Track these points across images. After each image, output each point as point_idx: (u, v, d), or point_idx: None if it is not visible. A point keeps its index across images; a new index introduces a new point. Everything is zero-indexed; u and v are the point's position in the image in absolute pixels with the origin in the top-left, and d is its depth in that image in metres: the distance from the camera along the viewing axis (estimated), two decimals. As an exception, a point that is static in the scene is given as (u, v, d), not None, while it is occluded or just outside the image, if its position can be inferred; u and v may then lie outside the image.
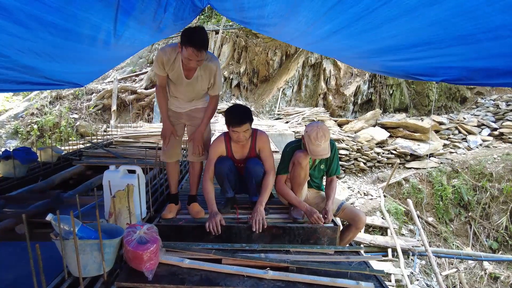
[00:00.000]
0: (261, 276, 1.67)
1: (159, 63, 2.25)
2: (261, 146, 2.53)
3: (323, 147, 2.36)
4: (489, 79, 2.21)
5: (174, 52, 2.22)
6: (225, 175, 2.49)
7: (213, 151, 2.51)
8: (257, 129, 2.57)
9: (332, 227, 2.38)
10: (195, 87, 2.36)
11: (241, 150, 2.55)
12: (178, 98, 2.47)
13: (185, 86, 2.35)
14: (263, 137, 2.54)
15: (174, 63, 2.23)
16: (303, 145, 2.56)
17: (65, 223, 1.47)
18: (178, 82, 2.33)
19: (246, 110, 2.39)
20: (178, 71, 2.26)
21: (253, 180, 2.52)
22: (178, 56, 2.21)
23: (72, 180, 3.86)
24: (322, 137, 2.34)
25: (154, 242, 1.61)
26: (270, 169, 2.51)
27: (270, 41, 12.44)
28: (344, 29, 2.25)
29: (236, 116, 2.33)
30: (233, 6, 2.83)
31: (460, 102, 11.92)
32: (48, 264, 1.35)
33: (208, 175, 2.47)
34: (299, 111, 10.88)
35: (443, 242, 7.27)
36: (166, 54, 2.22)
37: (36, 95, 11.08)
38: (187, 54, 2.03)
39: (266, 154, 2.54)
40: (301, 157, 2.46)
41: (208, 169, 2.49)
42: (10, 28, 2.20)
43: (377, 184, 8.39)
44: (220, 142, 2.52)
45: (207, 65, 2.26)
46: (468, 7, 1.42)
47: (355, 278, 1.72)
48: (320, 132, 2.35)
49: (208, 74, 2.30)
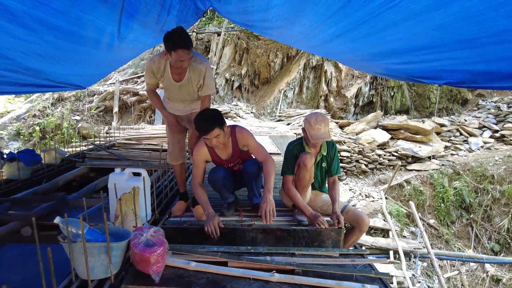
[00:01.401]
0: (267, 279, 1.68)
1: (150, 72, 2.38)
2: (244, 142, 2.46)
3: (323, 131, 2.40)
4: (493, 82, 2.22)
5: (162, 60, 2.33)
6: (221, 185, 2.49)
7: (197, 157, 2.45)
8: (236, 125, 2.49)
9: (337, 229, 2.39)
10: (187, 88, 2.43)
11: (224, 151, 2.50)
12: (174, 101, 2.56)
13: (178, 89, 2.43)
14: (243, 133, 2.47)
15: (164, 70, 2.35)
16: (305, 139, 2.58)
17: (72, 225, 1.48)
18: (170, 87, 2.44)
19: (211, 116, 2.25)
20: (167, 77, 2.37)
21: (253, 182, 2.53)
22: (166, 63, 2.32)
23: (75, 182, 3.87)
24: (321, 121, 2.40)
25: (161, 245, 1.62)
26: (266, 157, 2.44)
27: (272, 43, 12.46)
28: (348, 33, 2.27)
29: (201, 125, 2.23)
30: (237, 9, 2.85)
31: (461, 104, 11.92)
32: (54, 267, 1.36)
33: (196, 181, 2.41)
34: (300, 113, 10.89)
35: (445, 244, 7.26)
36: (155, 63, 2.34)
37: (38, 97, 11.10)
38: (177, 57, 2.11)
39: (254, 147, 2.47)
40: (307, 158, 2.46)
41: (196, 175, 2.43)
42: (15, 31, 2.21)
43: (379, 186, 8.39)
44: (202, 147, 2.44)
45: (196, 67, 2.34)
46: (473, 12, 1.44)
47: (360, 280, 1.72)
48: (319, 117, 2.42)
49: (198, 75, 2.36)
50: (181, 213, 2.62)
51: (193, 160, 2.47)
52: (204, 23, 13.31)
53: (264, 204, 2.26)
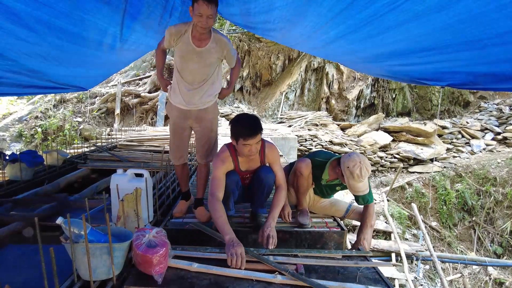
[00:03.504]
0: (270, 281, 1.67)
1: (168, 35, 2.26)
2: (271, 159, 2.32)
3: (364, 183, 2.26)
4: (495, 84, 2.22)
5: (185, 25, 2.23)
6: (231, 191, 2.30)
7: (221, 169, 2.21)
8: (265, 140, 2.31)
9: (339, 231, 2.38)
10: (206, 59, 2.28)
11: (248, 164, 2.33)
12: (186, 82, 2.33)
13: (196, 57, 2.25)
14: (274, 150, 2.34)
15: (184, 34, 2.23)
16: (330, 170, 2.44)
17: (74, 226, 1.48)
18: (187, 54, 2.26)
19: (257, 119, 2.17)
20: (187, 42, 2.23)
21: (265, 190, 2.33)
22: (188, 28, 2.22)
23: (77, 183, 3.87)
24: (365, 174, 2.22)
25: (164, 245, 1.62)
26: (283, 184, 2.30)
27: (273, 45, 12.49)
28: (350, 34, 2.27)
29: (248, 126, 2.07)
30: (239, 11, 2.85)
31: (463, 106, 11.91)
32: (56, 267, 1.36)
33: (216, 196, 2.10)
34: (302, 115, 10.90)
35: (447, 246, 7.23)
36: (176, 26, 2.24)
37: (40, 99, 11.14)
38: (198, 8, 2.01)
39: (278, 168, 2.32)
40: (302, 167, 2.41)
41: (217, 188, 2.14)
42: (18, 32, 2.23)
43: (381, 188, 8.37)
44: (227, 157, 2.25)
45: (220, 38, 2.26)
46: (475, 14, 1.44)
47: (363, 282, 1.72)
48: (364, 168, 2.20)
49: (220, 46, 2.28)
50: (182, 214, 2.60)
51: (215, 171, 2.22)
52: (206, 25, 13.32)
53: (268, 229, 2.04)
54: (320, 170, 2.49)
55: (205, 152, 2.56)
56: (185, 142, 2.59)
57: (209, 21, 2.07)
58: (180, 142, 2.56)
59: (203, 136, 2.52)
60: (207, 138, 2.53)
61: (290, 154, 7.77)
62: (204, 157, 2.58)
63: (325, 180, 2.52)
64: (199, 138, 2.54)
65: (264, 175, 2.28)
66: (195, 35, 2.20)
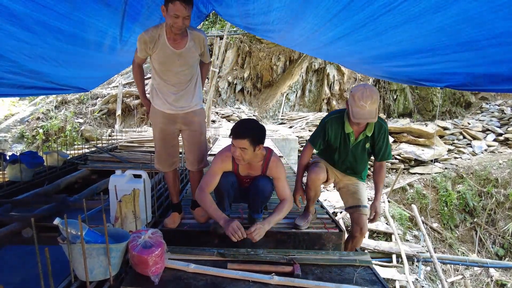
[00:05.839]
0: (267, 282, 1.67)
1: (141, 43, 2.11)
2: (274, 174, 2.23)
3: (368, 109, 2.01)
4: (494, 85, 2.21)
5: (156, 29, 2.10)
6: (226, 191, 2.26)
7: (218, 166, 2.21)
8: (273, 152, 2.24)
9: (337, 232, 2.38)
10: (189, 59, 2.18)
11: (248, 170, 2.28)
12: (170, 85, 2.21)
13: (177, 60, 2.15)
14: (278, 165, 2.23)
15: (159, 40, 2.10)
16: (347, 113, 2.21)
17: (72, 227, 1.49)
18: (167, 59, 2.14)
19: (250, 126, 2.07)
20: (163, 46, 2.10)
21: (260, 198, 2.30)
22: (162, 32, 2.10)
23: (77, 184, 3.88)
24: (368, 97, 1.99)
25: (159, 246, 1.62)
26: (288, 197, 2.20)
27: (274, 47, 12.51)
28: (348, 35, 2.27)
29: (235, 128, 2.05)
30: (238, 13, 2.86)
31: (464, 107, 11.89)
32: (53, 268, 1.37)
33: (207, 189, 2.16)
34: (303, 116, 10.90)
35: (448, 248, 7.21)
36: (148, 32, 2.09)
37: (42, 100, 11.20)
38: (174, 10, 1.89)
39: (282, 184, 2.21)
40: (312, 179, 2.37)
41: (209, 183, 2.18)
42: (18, 33, 2.24)
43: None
44: (227, 157, 2.22)
45: (196, 34, 2.17)
46: (472, 14, 1.44)
47: (360, 283, 1.71)
48: (366, 91, 2.00)
49: (198, 43, 2.19)
50: (175, 226, 2.41)
51: (212, 166, 2.22)
52: (207, 26, 13.38)
53: (260, 224, 2.04)
54: (340, 120, 2.30)
55: (197, 158, 2.41)
56: (175, 147, 2.42)
57: (186, 22, 1.98)
58: (172, 148, 2.39)
59: (193, 140, 2.38)
60: (197, 142, 2.39)
61: (291, 155, 7.77)
62: (195, 163, 2.42)
63: (352, 135, 2.29)
64: (189, 143, 2.39)
65: (262, 184, 2.24)
66: (170, 37, 2.09)
